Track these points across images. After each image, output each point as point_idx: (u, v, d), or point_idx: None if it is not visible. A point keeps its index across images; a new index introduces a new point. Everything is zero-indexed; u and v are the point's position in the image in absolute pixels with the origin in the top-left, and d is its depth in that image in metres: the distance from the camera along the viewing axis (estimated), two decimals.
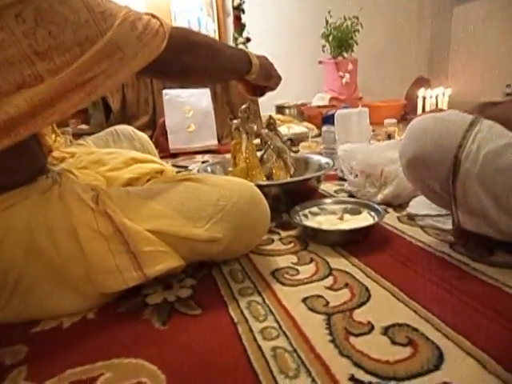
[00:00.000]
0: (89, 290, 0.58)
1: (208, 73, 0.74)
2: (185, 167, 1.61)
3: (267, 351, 0.48)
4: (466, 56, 2.67)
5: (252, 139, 1.00)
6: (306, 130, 1.97)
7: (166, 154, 1.85)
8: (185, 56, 0.65)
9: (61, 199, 0.58)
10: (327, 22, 2.51)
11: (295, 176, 1.03)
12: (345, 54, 2.57)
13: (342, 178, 1.18)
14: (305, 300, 0.59)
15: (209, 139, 1.95)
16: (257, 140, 1.02)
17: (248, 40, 2.63)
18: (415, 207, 0.89)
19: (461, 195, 0.62)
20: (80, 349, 0.52)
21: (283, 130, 1.82)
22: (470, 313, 0.53)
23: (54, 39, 0.49)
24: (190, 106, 1.93)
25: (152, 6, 2.54)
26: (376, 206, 0.85)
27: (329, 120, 1.33)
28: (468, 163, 0.60)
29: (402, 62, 2.94)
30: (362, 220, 0.83)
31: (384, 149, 1.04)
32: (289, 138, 1.08)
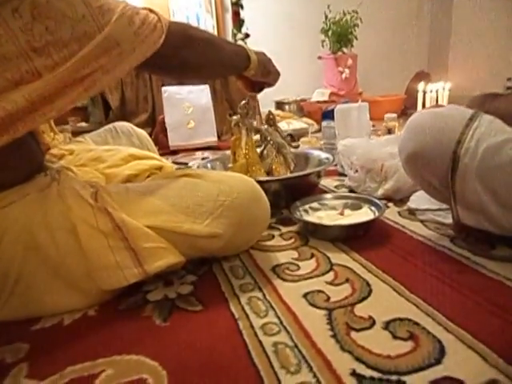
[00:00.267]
0: (89, 287, 0.58)
1: (206, 68, 0.73)
2: (185, 164, 1.61)
3: (268, 347, 0.48)
4: (467, 50, 2.66)
5: (252, 135, 0.99)
6: (306, 126, 1.96)
7: (166, 151, 1.84)
8: (183, 51, 0.65)
9: (60, 196, 0.58)
10: (326, 17, 2.50)
11: (295, 171, 1.03)
12: (344, 49, 2.55)
13: (343, 174, 1.18)
14: (306, 295, 0.59)
15: (208, 136, 1.94)
16: (256, 136, 1.02)
17: (247, 36, 2.61)
18: (416, 202, 0.89)
19: (460, 191, 0.62)
20: (81, 346, 0.52)
21: (283, 126, 1.82)
22: (471, 306, 0.53)
23: (52, 34, 0.49)
24: (190, 103, 1.92)
25: (150, 2, 2.53)
26: (376, 201, 0.85)
27: (329, 115, 1.32)
28: (467, 159, 0.59)
29: (402, 57, 2.92)
30: (363, 215, 0.82)
31: (384, 143, 1.04)
32: (288, 134, 1.08)
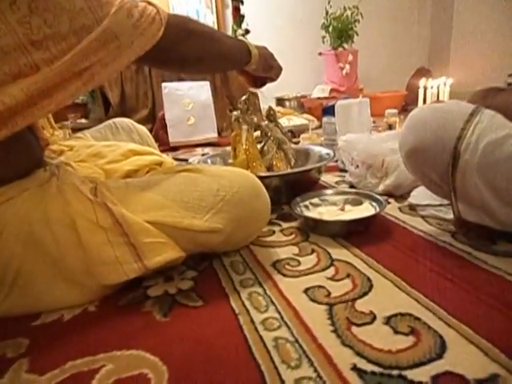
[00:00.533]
0: (89, 283, 0.58)
1: (206, 61, 0.73)
2: (185, 160, 1.60)
3: (269, 342, 0.48)
4: (468, 45, 2.65)
5: (252, 131, 0.99)
6: (307, 122, 1.96)
7: (166, 148, 1.84)
8: (182, 44, 0.64)
9: (59, 192, 0.58)
10: (327, 13, 2.49)
11: (296, 167, 1.02)
12: (345, 45, 2.55)
13: (343, 169, 1.18)
14: (306, 291, 0.59)
15: (209, 132, 1.94)
16: (257, 132, 1.01)
17: (247, 32, 2.60)
18: (417, 197, 0.89)
19: (460, 187, 0.62)
20: (81, 341, 0.52)
21: (283, 122, 1.81)
22: (473, 301, 0.53)
23: (50, 28, 0.49)
24: (190, 99, 1.91)
25: None
26: (377, 197, 0.85)
27: (329, 111, 1.32)
28: (467, 155, 0.59)
29: (403, 53, 2.92)
30: (364, 210, 0.82)
31: (385, 139, 1.03)
32: (289, 130, 1.07)
